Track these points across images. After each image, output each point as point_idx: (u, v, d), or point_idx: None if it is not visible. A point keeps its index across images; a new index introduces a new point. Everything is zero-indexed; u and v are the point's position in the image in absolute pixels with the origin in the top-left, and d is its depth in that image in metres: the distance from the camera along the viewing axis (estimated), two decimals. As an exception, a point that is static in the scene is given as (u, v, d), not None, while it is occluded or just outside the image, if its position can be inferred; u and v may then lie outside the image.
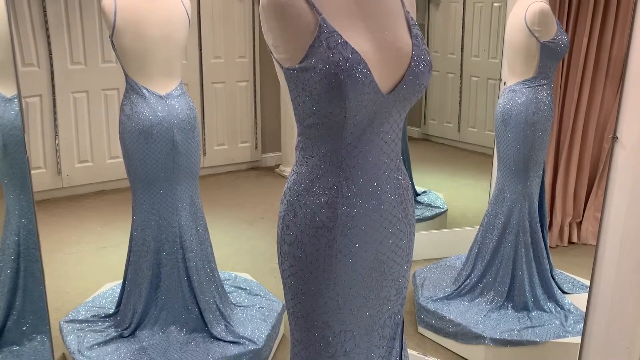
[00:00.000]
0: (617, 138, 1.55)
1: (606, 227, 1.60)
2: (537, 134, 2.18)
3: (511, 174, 2.26)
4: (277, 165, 4.58)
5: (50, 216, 3.45)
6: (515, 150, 2.20)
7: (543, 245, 2.31)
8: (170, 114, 1.97)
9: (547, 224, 2.43)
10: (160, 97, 1.97)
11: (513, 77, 2.25)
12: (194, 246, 2.10)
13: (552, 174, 3.07)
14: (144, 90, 1.95)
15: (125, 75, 1.97)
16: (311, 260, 1.10)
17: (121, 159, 2.08)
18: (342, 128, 1.02)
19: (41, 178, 3.62)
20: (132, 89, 1.96)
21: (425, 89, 1.07)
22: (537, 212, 2.30)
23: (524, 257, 2.27)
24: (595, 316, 1.67)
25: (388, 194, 1.10)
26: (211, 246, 2.20)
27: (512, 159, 2.23)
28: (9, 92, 1.84)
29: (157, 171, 2.01)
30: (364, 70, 0.97)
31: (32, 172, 3.58)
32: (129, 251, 2.11)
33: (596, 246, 1.65)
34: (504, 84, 2.43)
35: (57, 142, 3.66)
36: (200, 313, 2.10)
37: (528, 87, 2.19)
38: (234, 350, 1.99)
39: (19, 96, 1.77)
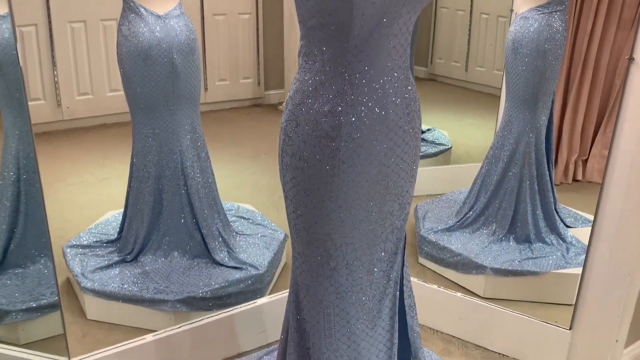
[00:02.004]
0: (633, 59, 1.49)
1: (616, 152, 1.57)
2: (548, 63, 2.11)
3: (519, 105, 2.21)
4: (280, 103, 4.50)
5: (51, 148, 3.43)
6: (525, 79, 2.14)
7: (548, 178, 2.29)
8: (168, 35, 1.90)
9: (554, 156, 2.40)
10: (159, 16, 1.90)
11: (526, 3, 2.16)
12: (195, 173, 2.08)
13: (560, 110, 3.00)
14: (141, 9, 1.87)
15: (122, -8, 1.89)
16: (313, 171, 1.07)
17: (122, 92, 2.03)
18: (348, 28, 0.97)
19: (41, 110, 3.58)
20: (129, 7, 1.89)
21: None
22: (543, 145, 2.26)
23: (528, 189, 2.25)
24: (599, 242, 1.67)
25: (394, 104, 1.06)
26: (213, 174, 2.18)
27: (521, 89, 2.17)
28: (1, 9, 1.77)
29: (156, 95, 1.96)
30: (373, -38, 0.91)
31: (31, 103, 3.55)
32: (130, 178, 2.10)
33: (605, 168, 1.62)
34: (515, 14, 2.34)
35: (55, 73, 3.59)
36: (203, 239, 2.10)
37: (541, 14, 2.11)
38: (236, 275, 2.00)
39: (11, 13, 1.70)
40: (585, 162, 3.07)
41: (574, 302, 1.80)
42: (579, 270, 1.81)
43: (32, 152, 1.91)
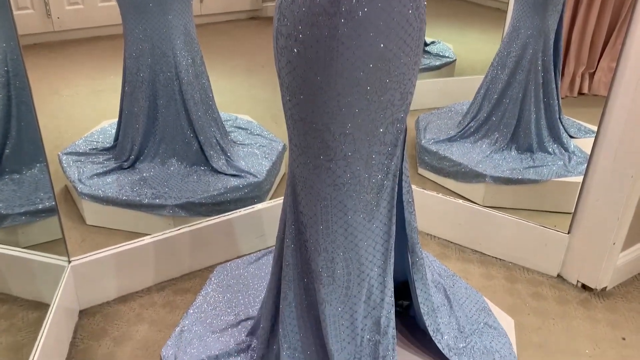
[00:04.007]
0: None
1: (629, 48, 1.50)
2: (561, -39, 1.99)
3: (528, 8, 2.10)
4: (279, 17, 4.33)
5: (43, 60, 3.33)
6: (536, -22, 2.02)
7: (554, 86, 2.22)
8: None
9: (561, 64, 2.32)
10: None
11: None
12: (190, 78, 2.01)
13: (569, 21, 2.88)
14: None
15: None
16: (310, 54, 1.01)
17: (113, 2, 1.93)
18: None
19: (30, 19, 3.44)
20: None
21: None
22: (551, 51, 2.18)
23: (533, 97, 2.19)
24: (604, 145, 1.63)
25: (398, -21, 0.98)
26: (209, 80, 2.11)
27: (531, -10, 2.05)
28: None
29: (147, -7, 1.86)
30: None
31: (20, 12, 3.41)
32: (123, 82, 2.04)
33: (615, 69, 1.56)
34: None
35: (42, -20, 3.42)
36: (200, 147, 2.07)
37: None
38: (234, 182, 1.99)
39: None
40: (592, 75, 2.98)
41: (573, 209, 1.80)
42: (580, 179, 1.78)
43: (19, 54, 1.84)
